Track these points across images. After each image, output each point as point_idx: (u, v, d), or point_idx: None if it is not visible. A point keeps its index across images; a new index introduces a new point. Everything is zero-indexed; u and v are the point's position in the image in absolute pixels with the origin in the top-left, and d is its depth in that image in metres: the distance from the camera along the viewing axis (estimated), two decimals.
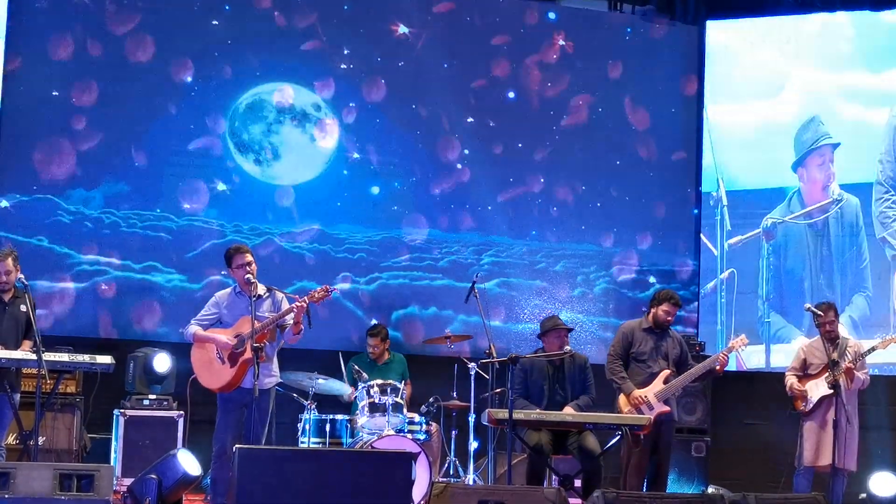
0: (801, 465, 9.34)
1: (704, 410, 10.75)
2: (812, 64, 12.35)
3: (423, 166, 11.74)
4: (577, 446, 8.58)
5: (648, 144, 12.31)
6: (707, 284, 12.29)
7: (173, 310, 10.75)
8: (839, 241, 12.06)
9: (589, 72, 12.22)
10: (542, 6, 12.26)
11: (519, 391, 8.85)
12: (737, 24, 12.56)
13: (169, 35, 11.09)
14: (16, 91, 10.61)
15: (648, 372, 8.95)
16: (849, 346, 9.36)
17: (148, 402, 9.76)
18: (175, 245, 10.95)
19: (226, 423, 8.20)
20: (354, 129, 11.56)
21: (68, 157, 10.76)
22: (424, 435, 9.52)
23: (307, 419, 9.47)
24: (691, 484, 10.50)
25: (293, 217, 11.33)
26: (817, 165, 12.19)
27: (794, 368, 9.52)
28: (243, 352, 8.02)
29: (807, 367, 9.45)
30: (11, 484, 7.11)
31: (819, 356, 9.38)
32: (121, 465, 9.42)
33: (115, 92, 10.90)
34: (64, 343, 8.94)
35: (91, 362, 8.36)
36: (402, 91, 11.70)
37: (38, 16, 10.72)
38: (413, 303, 11.50)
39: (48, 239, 10.61)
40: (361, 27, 11.65)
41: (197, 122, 11.15)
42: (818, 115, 12.22)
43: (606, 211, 12.16)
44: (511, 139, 12.02)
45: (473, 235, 11.78)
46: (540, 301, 11.79)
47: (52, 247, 10.59)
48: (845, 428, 9.02)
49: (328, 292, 8.15)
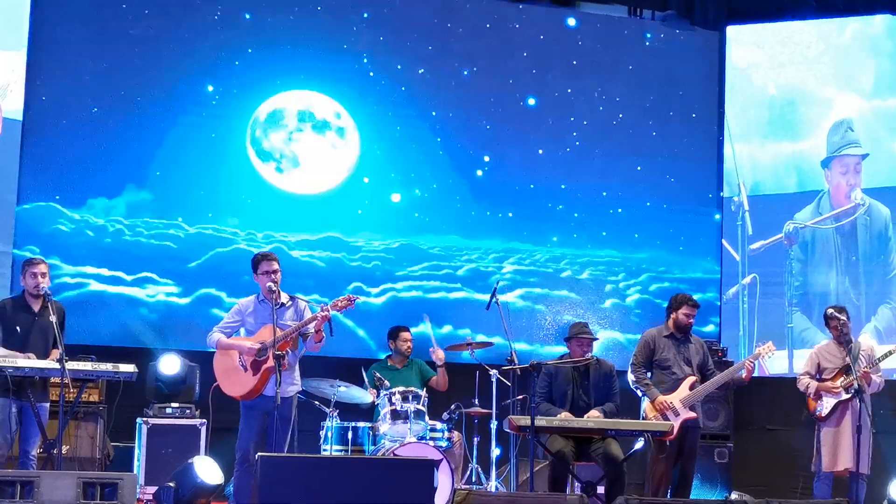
0: (820, 471, 9.29)
1: (727, 416, 10.73)
2: (833, 68, 12.31)
3: (443, 173, 11.75)
4: (601, 453, 8.55)
5: (669, 149, 12.29)
6: (729, 290, 12.25)
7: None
8: (866, 249, 11.99)
9: (609, 77, 12.21)
10: (562, 11, 12.26)
11: (544, 395, 8.85)
12: (757, 29, 12.53)
13: (190, 44, 11.13)
14: (37, 100, 10.67)
15: (673, 378, 8.93)
16: (861, 350, 9.31)
17: (170, 410, 9.77)
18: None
19: (248, 430, 8.21)
20: (374, 138, 11.59)
21: (90, 166, 10.81)
22: (446, 442, 9.50)
23: (329, 427, 9.47)
24: (714, 490, 10.47)
25: (310, 225, 11.36)
26: (840, 172, 12.14)
27: (807, 373, 9.45)
28: (266, 360, 8.03)
29: (821, 371, 9.40)
30: (36, 493, 7.13)
31: (832, 360, 9.33)
32: (144, 474, 9.43)
33: (135, 100, 10.94)
34: (85, 352, 8.98)
35: (114, 371, 8.39)
36: (422, 98, 11.72)
37: (60, 24, 10.77)
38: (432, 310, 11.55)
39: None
40: (381, 35, 11.67)
41: (218, 130, 11.19)
42: (850, 118, 12.15)
43: (628, 216, 12.14)
44: (531, 145, 12.01)
45: (494, 242, 11.79)
46: (571, 316, 11.75)
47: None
48: (868, 432, 8.98)
49: (351, 301, 8.16)
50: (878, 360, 9.20)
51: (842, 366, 9.19)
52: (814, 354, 9.55)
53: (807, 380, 9.37)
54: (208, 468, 8.29)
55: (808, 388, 9.33)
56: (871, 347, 9.42)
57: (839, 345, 9.25)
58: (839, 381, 9.17)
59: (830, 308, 9.33)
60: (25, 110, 10.60)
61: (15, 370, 7.99)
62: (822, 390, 9.25)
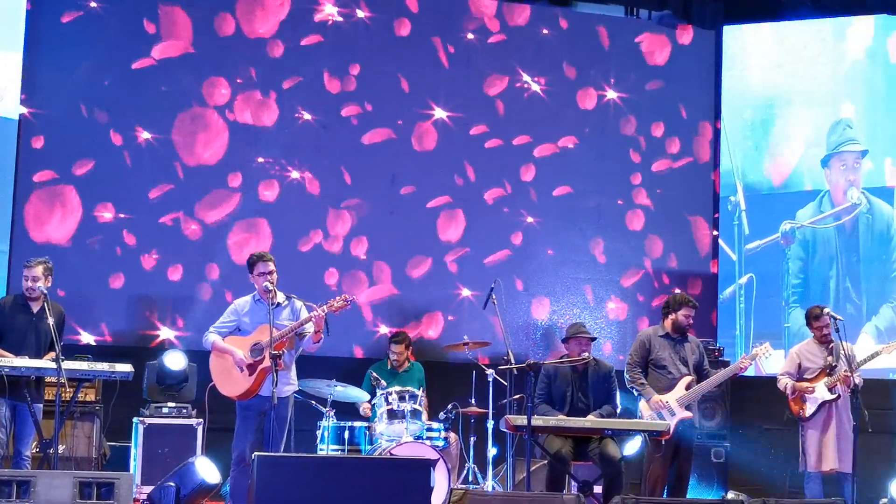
0: (807, 471, 9.28)
1: (724, 416, 10.75)
2: (829, 68, 12.31)
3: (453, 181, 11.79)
4: (598, 453, 8.55)
5: (666, 149, 12.30)
6: (726, 290, 12.25)
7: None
8: (868, 248, 11.99)
9: (603, 77, 12.21)
10: (558, 11, 12.27)
11: (543, 396, 8.85)
12: (754, 29, 12.53)
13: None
14: (34, 100, 10.69)
15: (669, 378, 8.93)
16: (841, 350, 9.25)
17: (167, 409, 9.77)
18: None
19: (244, 430, 8.22)
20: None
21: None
22: (443, 442, 9.51)
23: (326, 426, 9.48)
24: (711, 489, 10.48)
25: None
26: (839, 169, 12.14)
27: (787, 373, 9.43)
28: (262, 360, 8.03)
29: (802, 372, 9.38)
30: (32, 492, 7.15)
31: (814, 360, 9.32)
32: (140, 473, 9.44)
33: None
34: (83, 351, 8.99)
35: (110, 370, 8.38)
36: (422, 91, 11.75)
37: (57, 25, 10.78)
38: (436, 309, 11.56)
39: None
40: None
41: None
42: (847, 118, 12.16)
43: (626, 216, 12.14)
44: (530, 146, 12.04)
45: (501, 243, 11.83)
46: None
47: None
48: (850, 432, 8.97)
49: (347, 302, 8.15)
50: (858, 364, 9.12)
51: (824, 366, 9.19)
52: (794, 354, 9.52)
53: (785, 380, 9.36)
54: (208, 467, 8.30)
55: (787, 389, 9.33)
56: (850, 347, 9.36)
57: (820, 345, 9.26)
58: (822, 382, 9.17)
59: (817, 307, 9.34)
60: (22, 110, 10.62)
61: (11, 370, 7.99)
62: (800, 391, 9.24)
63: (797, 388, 9.27)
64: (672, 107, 12.36)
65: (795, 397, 9.27)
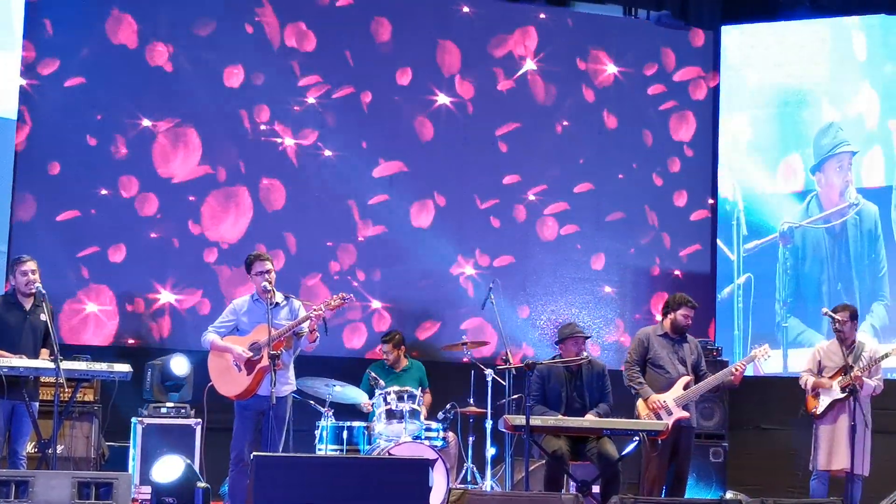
0: (816, 469, 9.31)
1: (722, 415, 10.75)
2: (828, 68, 12.32)
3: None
4: (596, 452, 8.56)
5: (663, 150, 12.29)
6: (723, 290, 12.26)
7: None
8: (857, 248, 12.00)
9: (601, 77, 12.20)
10: (559, 11, 12.27)
11: (537, 398, 8.84)
12: (752, 29, 12.53)
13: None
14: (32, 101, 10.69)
15: (667, 378, 8.93)
16: (864, 351, 9.32)
17: (166, 409, 9.76)
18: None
19: (243, 430, 8.23)
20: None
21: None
22: (442, 441, 9.52)
23: (324, 426, 9.48)
24: (709, 489, 10.48)
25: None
26: (835, 171, 12.14)
27: (808, 370, 9.48)
28: (260, 359, 8.04)
29: (821, 370, 9.41)
30: (31, 492, 7.15)
31: (834, 359, 9.34)
32: (139, 474, 9.42)
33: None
34: (81, 351, 8.99)
35: (109, 370, 8.39)
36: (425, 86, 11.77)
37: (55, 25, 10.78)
38: (436, 310, 11.57)
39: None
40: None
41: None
42: (836, 121, 12.17)
43: (624, 218, 12.14)
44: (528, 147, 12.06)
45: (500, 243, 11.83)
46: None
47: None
48: (863, 433, 8.98)
49: (344, 301, 8.17)
50: (877, 360, 9.17)
51: (842, 365, 9.20)
52: (815, 353, 9.56)
53: (806, 376, 9.40)
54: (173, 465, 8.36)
55: (807, 385, 9.36)
56: (874, 350, 9.39)
57: (841, 344, 9.28)
58: (837, 381, 9.19)
59: (833, 310, 9.35)
60: (20, 110, 10.61)
61: (10, 370, 7.99)
62: (817, 386, 9.27)
63: (816, 383, 9.30)
64: (669, 106, 12.33)
65: (812, 393, 9.31)
